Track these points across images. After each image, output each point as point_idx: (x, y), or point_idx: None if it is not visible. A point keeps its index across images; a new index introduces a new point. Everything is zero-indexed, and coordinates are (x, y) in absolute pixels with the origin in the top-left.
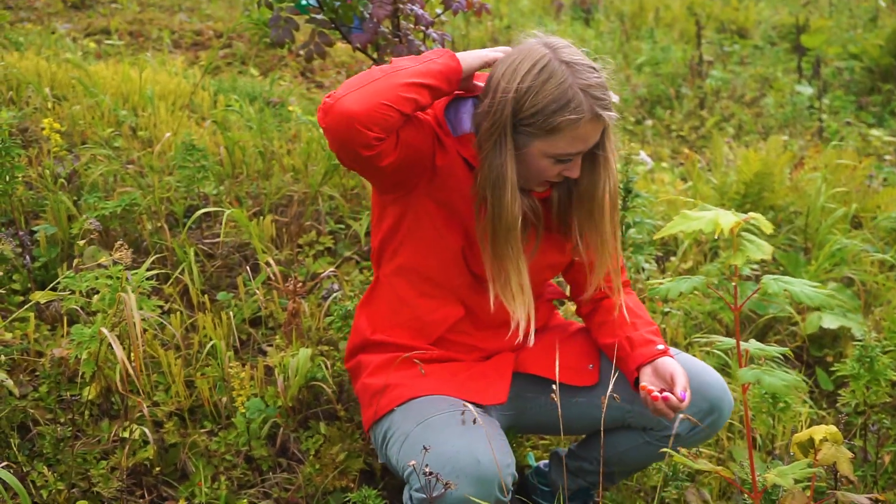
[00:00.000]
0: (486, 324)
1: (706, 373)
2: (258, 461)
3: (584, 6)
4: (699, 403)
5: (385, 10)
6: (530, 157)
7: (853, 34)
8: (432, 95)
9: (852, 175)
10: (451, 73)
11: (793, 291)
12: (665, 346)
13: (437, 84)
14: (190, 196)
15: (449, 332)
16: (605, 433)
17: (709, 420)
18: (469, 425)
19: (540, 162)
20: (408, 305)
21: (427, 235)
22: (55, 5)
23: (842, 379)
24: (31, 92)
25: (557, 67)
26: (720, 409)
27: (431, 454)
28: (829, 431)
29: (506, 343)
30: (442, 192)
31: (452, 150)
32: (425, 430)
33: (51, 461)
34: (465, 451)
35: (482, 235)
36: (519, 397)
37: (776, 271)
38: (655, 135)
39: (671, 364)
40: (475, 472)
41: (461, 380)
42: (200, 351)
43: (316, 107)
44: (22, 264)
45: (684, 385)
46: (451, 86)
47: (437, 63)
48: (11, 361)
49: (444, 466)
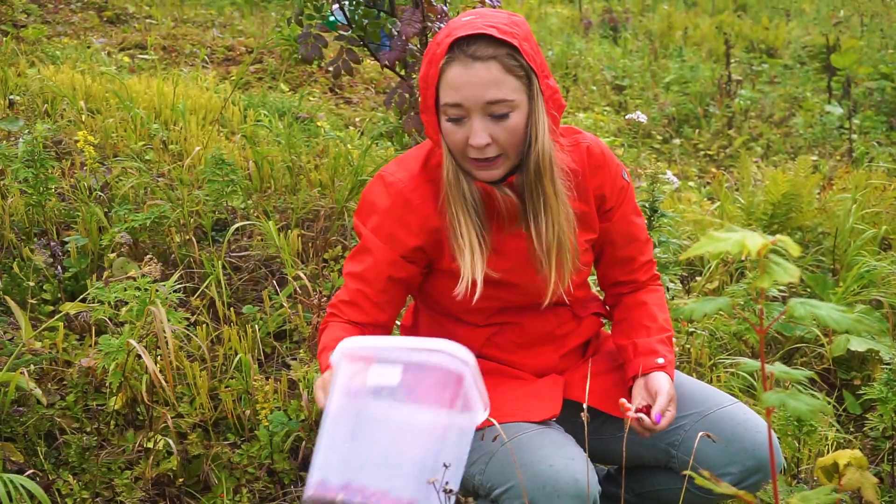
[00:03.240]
0: (527, 340)
1: (757, 430)
2: (280, 474)
3: (612, 24)
4: (746, 462)
5: (414, 28)
6: (442, 129)
7: (884, 54)
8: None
9: (882, 196)
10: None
11: (819, 315)
12: (666, 359)
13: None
14: (218, 209)
15: (487, 347)
16: (648, 469)
17: (754, 479)
18: (558, 443)
19: (445, 126)
20: (445, 329)
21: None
22: (91, 20)
23: (870, 402)
24: (66, 105)
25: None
26: (767, 468)
27: (526, 474)
28: (853, 456)
29: (548, 363)
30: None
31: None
32: (515, 448)
33: (76, 470)
34: (564, 470)
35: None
36: (566, 423)
37: (803, 293)
38: (683, 154)
39: (661, 381)
40: (575, 490)
41: (515, 398)
42: (225, 363)
43: (344, 122)
44: (53, 274)
45: (661, 407)
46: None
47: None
48: (40, 370)
49: (542, 487)
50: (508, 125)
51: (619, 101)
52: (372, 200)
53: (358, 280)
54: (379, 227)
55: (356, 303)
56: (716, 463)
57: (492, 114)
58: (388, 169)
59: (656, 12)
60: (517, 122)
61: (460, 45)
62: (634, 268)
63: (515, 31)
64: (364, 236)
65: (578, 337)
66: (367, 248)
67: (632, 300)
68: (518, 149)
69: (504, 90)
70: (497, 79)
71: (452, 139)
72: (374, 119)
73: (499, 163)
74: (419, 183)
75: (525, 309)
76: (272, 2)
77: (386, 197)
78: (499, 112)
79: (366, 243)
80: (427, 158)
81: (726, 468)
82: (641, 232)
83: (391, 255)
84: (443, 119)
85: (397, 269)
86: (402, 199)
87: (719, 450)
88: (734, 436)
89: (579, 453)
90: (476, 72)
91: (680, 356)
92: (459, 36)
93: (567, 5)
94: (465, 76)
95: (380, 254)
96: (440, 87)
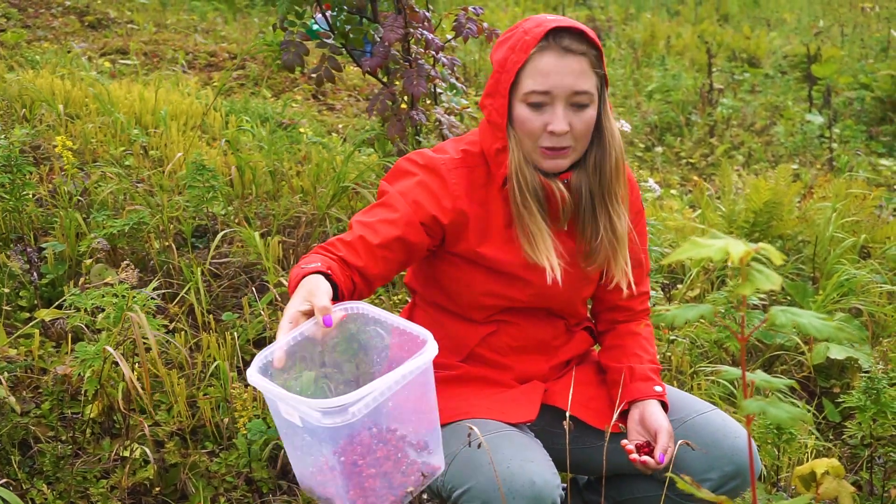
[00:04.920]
0: (522, 345)
1: (736, 436)
2: (258, 483)
3: (596, 33)
4: (724, 467)
5: (396, 34)
6: (515, 114)
7: (864, 64)
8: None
9: (862, 205)
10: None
11: (801, 324)
12: (663, 387)
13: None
14: (198, 216)
15: (481, 346)
16: (627, 477)
17: (733, 484)
18: (519, 445)
19: (521, 112)
20: (444, 326)
21: (456, 277)
22: (72, 25)
23: (849, 410)
24: (45, 109)
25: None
26: (745, 474)
27: (484, 475)
28: (831, 465)
29: (537, 371)
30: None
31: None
32: (473, 451)
33: (50, 479)
34: (519, 471)
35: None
36: (545, 431)
37: (783, 300)
38: (665, 162)
39: (659, 418)
40: (530, 492)
41: (492, 401)
42: (204, 371)
43: (327, 129)
44: (29, 281)
45: (664, 447)
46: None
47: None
48: (15, 378)
49: (497, 488)
50: (585, 116)
51: None
52: (406, 168)
53: (365, 227)
54: (407, 190)
55: (354, 246)
56: (695, 469)
57: (575, 103)
58: (425, 150)
59: (639, 21)
60: (592, 115)
61: (554, 36)
62: (633, 294)
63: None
64: (389, 194)
65: (569, 351)
66: (388, 205)
67: (625, 329)
68: (585, 144)
69: (589, 83)
70: (585, 72)
71: (530, 125)
72: (356, 126)
73: (568, 153)
74: (457, 164)
75: (528, 312)
76: (255, 8)
77: (422, 168)
78: (581, 102)
79: (388, 200)
80: (466, 149)
81: (705, 474)
82: (646, 259)
83: (411, 217)
84: (520, 105)
85: (411, 231)
86: (437, 173)
87: (698, 456)
88: (713, 442)
89: (542, 456)
90: (569, 63)
91: (660, 364)
92: (555, 27)
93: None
94: (559, 65)
95: (400, 212)
96: (524, 73)
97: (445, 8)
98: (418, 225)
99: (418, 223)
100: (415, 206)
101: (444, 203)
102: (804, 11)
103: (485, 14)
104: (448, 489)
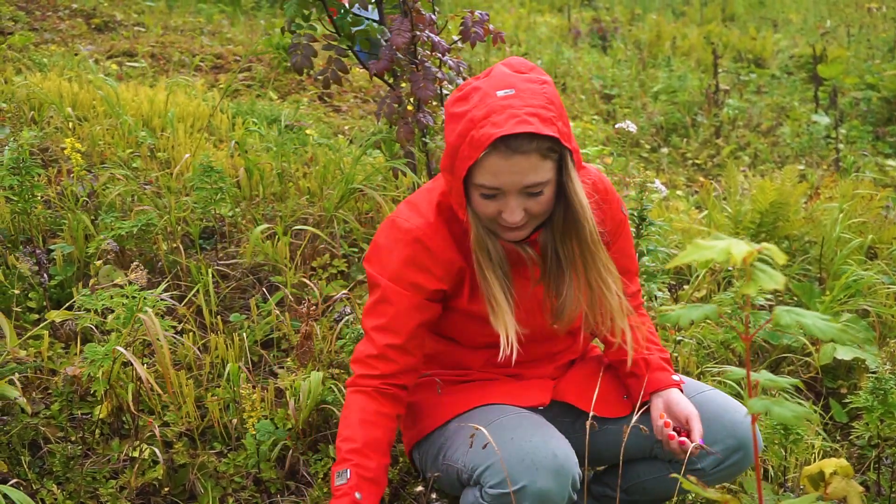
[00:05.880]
0: (527, 360)
1: (736, 410)
2: (267, 483)
3: (601, 34)
4: (726, 440)
5: (403, 38)
6: (472, 198)
7: (871, 64)
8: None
9: (868, 206)
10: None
11: (805, 324)
12: (680, 377)
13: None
14: (206, 217)
15: (485, 367)
16: (631, 462)
17: (736, 457)
18: (538, 423)
19: (476, 198)
20: (448, 353)
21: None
22: (79, 28)
23: (856, 411)
24: (53, 112)
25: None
26: (747, 447)
27: (507, 450)
28: (839, 465)
29: (544, 372)
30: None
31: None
32: (495, 430)
33: (60, 479)
34: (542, 445)
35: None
36: (554, 422)
37: (790, 301)
38: (671, 163)
39: (686, 405)
40: (553, 464)
41: (506, 389)
42: (212, 372)
43: (333, 130)
44: (38, 282)
45: (701, 432)
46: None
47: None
48: (25, 379)
49: (521, 461)
50: (542, 199)
51: (608, 110)
52: (388, 248)
53: (383, 332)
54: (399, 276)
55: (385, 356)
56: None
57: (529, 192)
58: (400, 214)
59: (645, 22)
60: (549, 195)
61: (502, 139)
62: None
63: (552, 114)
64: (383, 287)
65: (574, 353)
66: (388, 299)
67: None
68: (545, 216)
69: (540, 174)
70: (535, 166)
71: (484, 210)
72: (362, 127)
73: (527, 227)
74: (437, 228)
75: (528, 338)
76: (261, 10)
77: (404, 245)
78: (535, 191)
79: (385, 294)
80: (439, 201)
81: (710, 448)
82: (633, 264)
83: (416, 300)
84: (475, 192)
85: (423, 311)
86: (421, 246)
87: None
88: (714, 417)
89: (560, 435)
90: (516, 162)
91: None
92: (502, 135)
93: (556, 15)
94: (506, 166)
95: (404, 302)
96: (475, 167)
97: (451, 10)
98: (425, 301)
99: (424, 300)
100: (413, 289)
101: (437, 272)
102: (810, 12)
103: (490, 17)
104: (470, 469)
